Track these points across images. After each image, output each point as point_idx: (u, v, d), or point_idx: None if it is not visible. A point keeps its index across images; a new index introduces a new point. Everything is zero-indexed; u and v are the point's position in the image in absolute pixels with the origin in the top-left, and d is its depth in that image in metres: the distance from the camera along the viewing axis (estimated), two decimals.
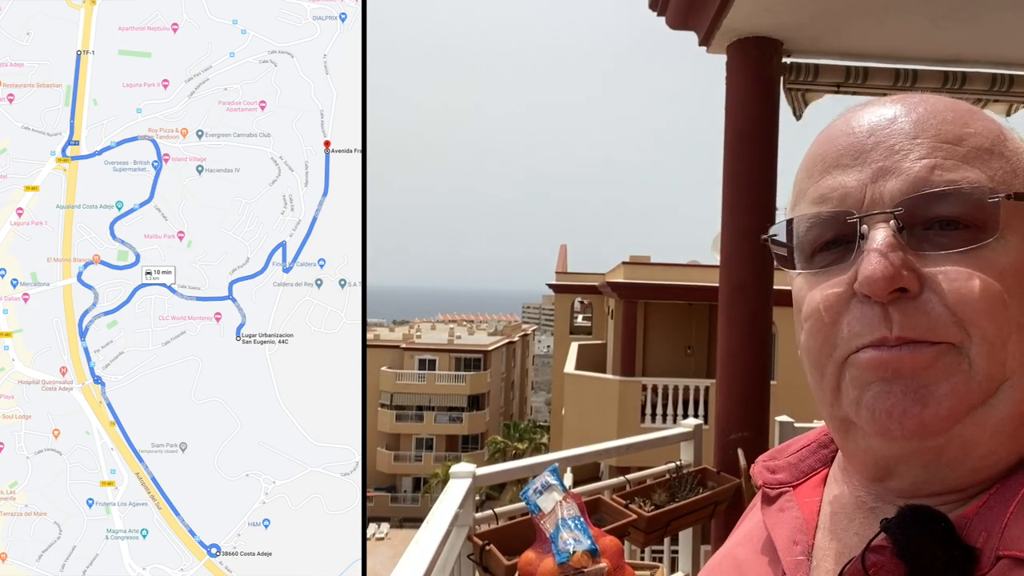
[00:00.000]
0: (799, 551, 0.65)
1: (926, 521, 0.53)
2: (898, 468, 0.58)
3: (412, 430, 42.37)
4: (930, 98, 0.61)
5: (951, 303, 0.53)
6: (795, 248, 0.62)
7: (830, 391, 0.59)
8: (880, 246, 0.54)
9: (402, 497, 41.89)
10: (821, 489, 0.71)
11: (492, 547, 2.40)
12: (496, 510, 2.85)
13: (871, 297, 0.55)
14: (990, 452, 0.56)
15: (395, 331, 51.68)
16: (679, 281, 15.54)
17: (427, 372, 42.81)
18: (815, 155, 0.63)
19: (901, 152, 0.57)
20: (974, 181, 0.55)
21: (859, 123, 0.61)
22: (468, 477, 2.69)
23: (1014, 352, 0.54)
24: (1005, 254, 0.54)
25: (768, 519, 0.71)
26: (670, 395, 13.41)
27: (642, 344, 16.36)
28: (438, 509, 2.43)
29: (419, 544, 2.13)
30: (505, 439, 36.52)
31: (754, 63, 3.81)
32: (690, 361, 16.98)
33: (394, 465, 41.83)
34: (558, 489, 0.92)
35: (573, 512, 0.89)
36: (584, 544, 0.85)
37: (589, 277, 23.13)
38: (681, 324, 17.12)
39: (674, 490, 3.18)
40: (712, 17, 3.64)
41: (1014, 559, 0.50)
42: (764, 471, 0.76)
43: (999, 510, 0.53)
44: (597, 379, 15.19)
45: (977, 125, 0.59)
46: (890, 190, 0.56)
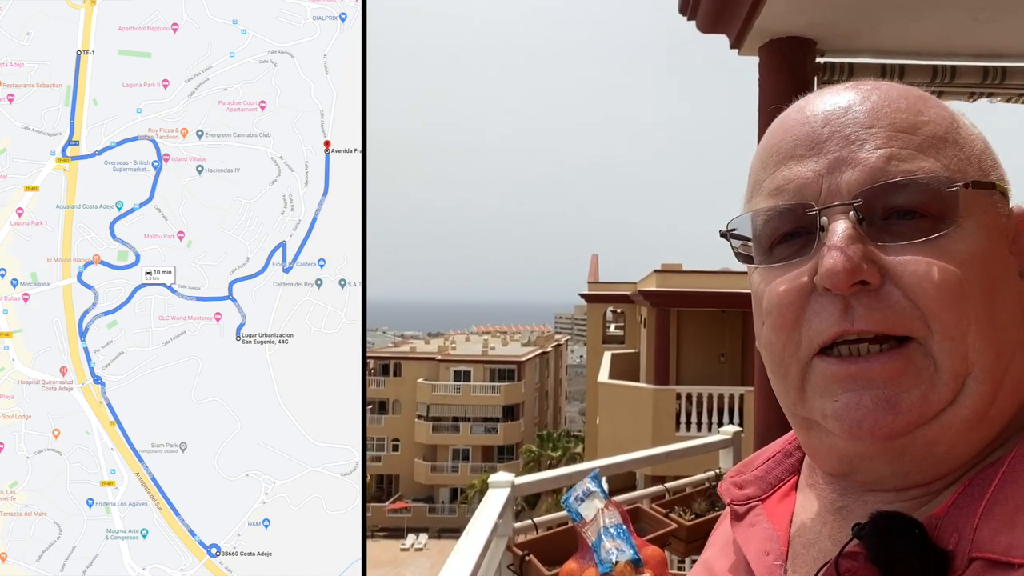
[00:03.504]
0: (771, 559, 0.65)
1: (899, 528, 0.52)
2: (862, 464, 0.58)
3: (448, 441, 42.56)
4: (883, 85, 0.61)
5: (912, 295, 0.53)
6: (753, 242, 0.62)
7: (794, 390, 0.59)
8: (840, 239, 0.54)
9: (440, 508, 42.02)
10: (792, 497, 0.70)
11: (532, 557, 2.38)
12: (535, 519, 2.82)
13: (832, 290, 0.54)
14: (952, 447, 0.55)
15: (430, 343, 52.02)
16: (711, 288, 15.40)
17: (462, 383, 43.02)
18: (770, 145, 0.62)
19: (857, 142, 0.57)
20: (930, 171, 0.55)
21: (813, 112, 0.60)
22: (507, 487, 2.67)
23: (973, 344, 0.53)
24: (963, 242, 0.54)
25: (739, 536, 0.70)
26: (704, 403, 13.27)
27: (675, 352, 16.23)
28: (478, 519, 2.42)
29: (460, 553, 2.12)
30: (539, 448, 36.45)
31: (787, 64, 3.74)
32: (724, 368, 16.80)
33: (431, 476, 42.04)
34: (599, 496, 0.90)
35: (615, 520, 0.87)
36: (627, 554, 0.82)
37: (621, 286, 23.05)
38: (714, 331, 16.96)
39: (714, 499, 3.12)
40: (744, 18, 3.59)
41: (987, 560, 0.50)
42: (732, 488, 0.75)
43: (969, 509, 0.53)
44: (631, 388, 15.10)
45: (931, 113, 0.59)
46: (848, 181, 0.56)
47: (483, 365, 43.87)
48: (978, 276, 0.54)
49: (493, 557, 2.46)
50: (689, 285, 15.68)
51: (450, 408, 42.55)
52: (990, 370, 0.54)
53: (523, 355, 44.92)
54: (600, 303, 24.10)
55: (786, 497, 0.71)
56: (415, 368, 43.21)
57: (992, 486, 0.53)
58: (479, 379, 43.33)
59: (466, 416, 42.47)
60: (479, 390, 42.84)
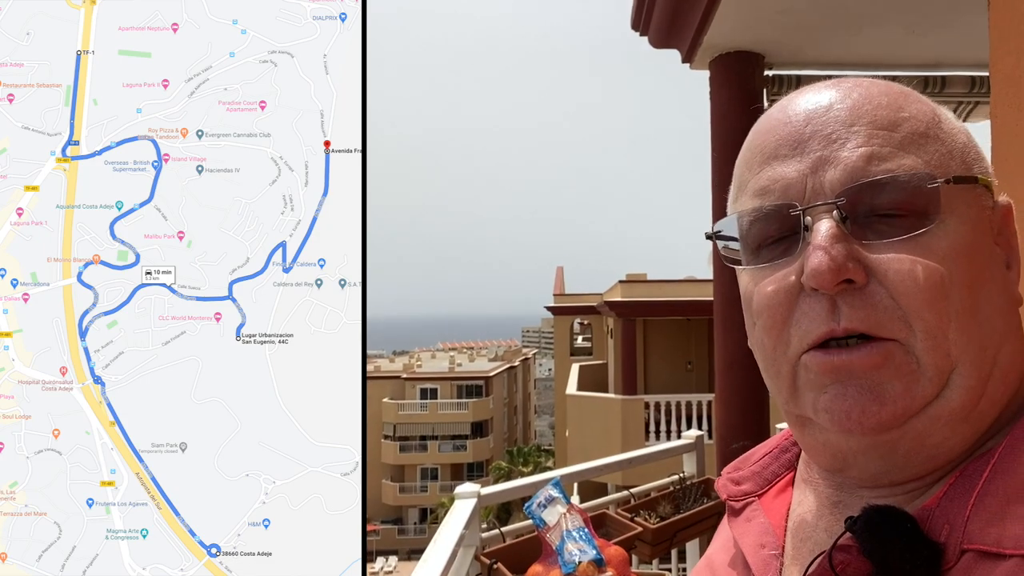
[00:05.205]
0: (767, 553, 0.66)
1: (891, 521, 0.53)
2: (856, 459, 0.59)
3: (416, 460, 42.13)
4: (864, 82, 0.61)
5: (897, 294, 0.53)
6: (740, 243, 0.62)
7: (786, 389, 0.60)
8: (824, 238, 0.54)
9: (409, 529, 41.52)
10: (788, 493, 0.71)
11: (500, 565, 2.38)
12: (502, 529, 2.82)
13: (818, 290, 0.55)
14: (943, 440, 0.56)
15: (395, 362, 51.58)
16: (677, 297, 15.54)
17: (429, 401, 42.66)
18: (754, 146, 0.63)
19: (838, 141, 0.57)
20: (911, 168, 0.56)
21: (795, 111, 0.61)
22: (473, 497, 2.67)
23: (955, 340, 0.54)
24: (946, 238, 0.55)
25: (736, 530, 0.71)
26: (673, 411, 13.34)
27: (642, 362, 16.32)
28: (444, 529, 2.41)
29: (427, 563, 2.10)
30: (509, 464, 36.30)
31: (737, 77, 3.87)
32: (691, 376, 16.93)
33: (400, 497, 41.54)
34: (561, 502, 0.91)
35: (578, 523, 0.88)
36: (590, 554, 0.84)
37: (587, 298, 23.15)
38: (680, 340, 17.11)
39: (679, 502, 3.15)
40: (693, 34, 3.71)
41: (978, 552, 0.50)
42: (728, 483, 0.75)
43: (960, 501, 0.53)
44: (599, 399, 15.12)
45: (912, 108, 0.59)
46: (830, 180, 0.56)
47: (450, 382, 43.61)
48: (961, 271, 0.54)
49: (460, 567, 2.44)
50: (654, 294, 15.79)
51: (417, 427, 42.15)
52: (975, 364, 0.55)
53: (490, 370, 44.78)
54: (567, 315, 24.16)
55: (782, 492, 0.71)
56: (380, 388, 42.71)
57: (983, 477, 0.53)
58: (446, 396, 43.03)
59: (434, 434, 42.11)
60: (446, 407, 42.53)
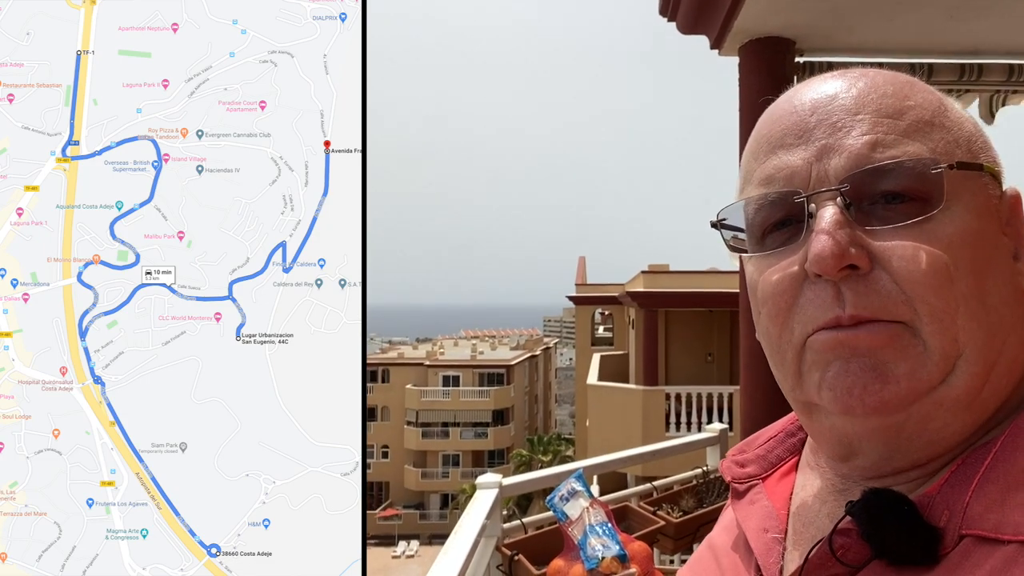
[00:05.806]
0: (770, 536, 0.66)
1: (889, 504, 0.53)
2: (861, 446, 0.59)
3: (438, 447, 42.45)
4: (870, 72, 0.61)
5: (900, 279, 0.53)
6: (746, 231, 0.63)
7: (792, 375, 0.60)
8: (828, 224, 0.55)
9: (430, 514, 41.90)
10: (792, 477, 0.71)
11: (521, 557, 2.38)
12: (524, 520, 2.82)
13: (823, 276, 0.55)
14: (944, 425, 0.56)
15: (419, 349, 51.89)
16: (699, 288, 15.46)
17: (451, 388, 42.91)
18: (760, 136, 0.63)
19: (843, 129, 0.57)
20: (915, 154, 0.56)
21: (801, 101, 0.61)
22: (495, 487, 2.67)
23: (964, 326, 0.54)
24: (951, 224, 0.55)
25: (739, 513, 0.71)
26: (694, 403, 13.30)
27: (664, 353, 16.27)
28: (466, 520, 2.42)
29: (448, 554, 2.11)
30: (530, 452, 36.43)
31: (767, 64, 3.77)
32: (712, 368, 16.86)
33: (422, 482, 41.90)
34: (584, 495, 0.91)
35: (600, 518, 0.88)
36: (613, 549, 0.83)
37: (609, 288, 23.07)
38: (702, 331, 17.02)
39: (702, 495, 3.13)
40: (723, 20, 3.62)
41: (977, 537, 0.50)
42: (733, 466, 0.76)
43: (961, 488, 0.53)
44: (620, 389, 15.11)
45: (917, 98, 0.59)
46: (834, 167, 0.57)
47: (472, 370, 43.80)
48: (967, 258, 0.54)
49: (482, 557, 2.45)
50: (676, 285, 15.72)
51: (439, 413, 42.44)
52: (982, 351, 0.54)
53: (512, 359, 44.89)
54: (588, 305, 24.12)
55: (786, 476, 0.71)
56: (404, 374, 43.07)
57: (984, 465, 0.53)
58: (468, 384, 43.25)
59: (456, 421, 42.38)
60: (468, 395, 42.76)
